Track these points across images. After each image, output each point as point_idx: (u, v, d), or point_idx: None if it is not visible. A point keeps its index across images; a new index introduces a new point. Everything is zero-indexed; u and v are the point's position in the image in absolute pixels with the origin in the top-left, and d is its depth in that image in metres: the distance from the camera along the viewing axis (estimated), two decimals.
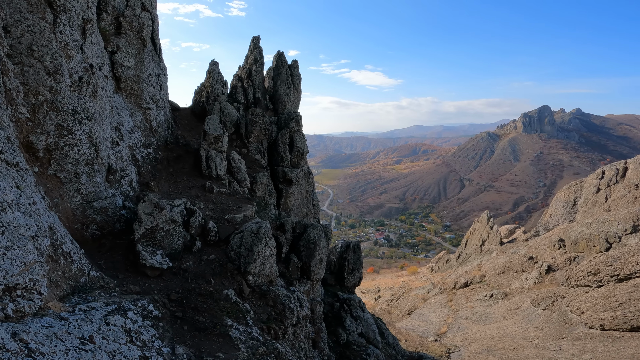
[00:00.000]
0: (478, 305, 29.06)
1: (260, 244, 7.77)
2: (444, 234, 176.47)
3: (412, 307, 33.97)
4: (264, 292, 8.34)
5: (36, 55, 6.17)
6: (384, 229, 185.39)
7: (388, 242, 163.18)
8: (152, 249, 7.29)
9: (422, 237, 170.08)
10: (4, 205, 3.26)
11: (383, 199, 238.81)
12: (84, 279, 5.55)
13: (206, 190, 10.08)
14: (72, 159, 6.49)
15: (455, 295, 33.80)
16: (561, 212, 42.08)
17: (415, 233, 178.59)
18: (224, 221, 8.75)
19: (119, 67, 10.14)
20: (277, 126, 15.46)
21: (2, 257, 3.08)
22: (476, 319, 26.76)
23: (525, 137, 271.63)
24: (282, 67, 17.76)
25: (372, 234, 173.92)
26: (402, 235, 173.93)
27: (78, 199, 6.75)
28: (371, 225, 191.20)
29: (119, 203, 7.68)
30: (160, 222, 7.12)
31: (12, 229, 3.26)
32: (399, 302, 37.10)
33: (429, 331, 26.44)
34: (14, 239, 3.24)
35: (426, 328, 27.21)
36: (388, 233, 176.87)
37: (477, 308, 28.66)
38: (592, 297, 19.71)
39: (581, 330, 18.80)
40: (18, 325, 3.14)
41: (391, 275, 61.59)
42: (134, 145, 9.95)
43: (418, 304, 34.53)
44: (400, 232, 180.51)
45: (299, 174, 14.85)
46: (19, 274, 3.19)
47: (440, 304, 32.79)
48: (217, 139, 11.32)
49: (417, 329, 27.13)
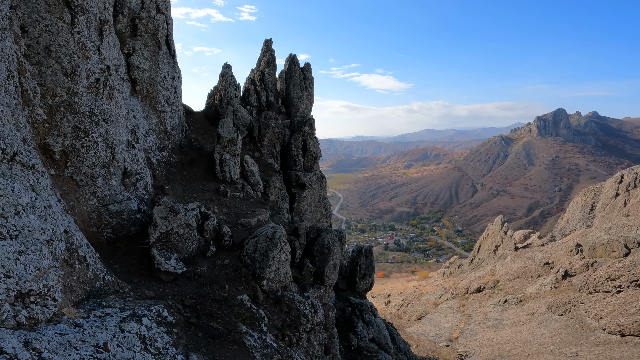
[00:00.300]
0: (491, 311, 28.53)
1: (275, 249, 7.61)
2: (456, 238, 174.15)
3: (423, 312, 33.52)
4: (278, 297, 8.17)
5: (54, 56, 6.15)
6: (395, 233, 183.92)
7: (398, 246, 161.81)
8: (167, 253, 7.19)
9: (434, 242, 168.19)
10: (18, 209, 3.17)
11: (394, 203, 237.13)
12: (99, 284, 5.46)
13: (220, 194, 9.98)
14: (89, 161, 6.45)
15: (467, 300, 33.24)
16: (578, 217, 41.28)
17: (427, 238, 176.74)
18: (238, 225, 8.63)
19: (134, 69, 10.16)
20: (290, 129, 15.35)
21: (16, 262, 2.97)
22: (489, 324, 26.22)
23: (540, 140, 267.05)
24: (294, 70, 17.69)
25: (383, 239, 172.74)
26: (412, 240, 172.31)
27: (94, 202, 6.70)
28: (381, 230, 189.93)
29: (134, 206, 7.62)
30: (175, 226, 7.03)
31: (27, 233, 3.16)
32: (409, 306, 36.66)
33: (441, 336, 25.99)
34: (28, 243, 3.14)
35: (437, 333, 26.76)
36: (398, 237, 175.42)
37: (491, 313, 28.13)
38: (611, 303, 19.30)
39: (599, 335, 18.32)
40: (31, 333, 3.03)
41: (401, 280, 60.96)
42: (149, 149, 9.93)
43: (429, 308, 34.05)
44: (411, 236, 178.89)
45: (312, 178, 14.70)
46: (32, 280, 3.08)
47: (452, 309, 32.25)
48: (231, 142, 11.25)
49: (428, 334, 26.71)
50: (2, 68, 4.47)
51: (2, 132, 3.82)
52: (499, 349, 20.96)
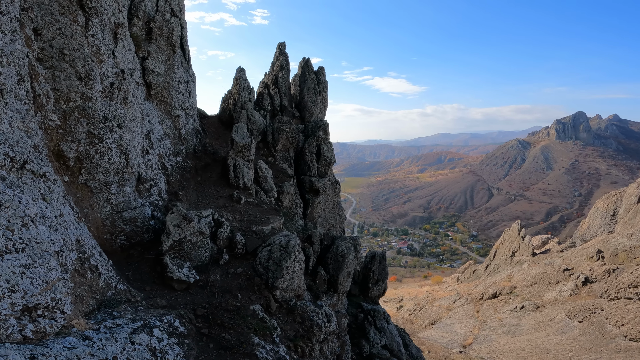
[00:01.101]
0: (507, 317, 27.96)
1: (289, 259, 7.42)
2: (471, 243, 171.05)
3: (436, 318, 33.06)
4: (291, 307, 7.96)
5: (67, 60, 6.10)
6: (408, 237, 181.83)
7: (411, 251, 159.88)
8: (179, 261, 7.08)
9: (447, 247, 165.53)
10: (25, 220, 3.06)
11: (407, 207, 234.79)
12: (110, 293, 5.36)
13: (234, 201, 9.87)
14: (103, 168, 6.40)
15: (482, 306, 32.64)
16: (600, 223, 40.22)
17: (440, 242, 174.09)
18: (251, 233, 8.48)
19: (149, 73, 10.17)
20: (304, 134, 15.20)
21: (22, 276, 2.86)
22: (505, 330, 25.68)
23: (559, 144, 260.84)
24: (308, 74, 17.57)
25: (395, 243, 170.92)
26: (426, 245, 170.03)
27: (108, 209, 6.64)
28: (394, 234, 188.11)
29: (147, 213, 7.56)
30: (188, 234, 6.91)
31: (34, 245, 3.05)
32: (422, 311, 36.16)
33: (454, 342, 25.53)
34: (35, 256, 3.03)
35: (450, 339, 26.29)
36: (411, 242, 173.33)
37: (506, 319, 27.55)
38: (632, 310, 18.87)
39: (620, 342, 17.81)
40: (37, 348, 2.91)
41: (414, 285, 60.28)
42: (164, 154, 9.90)
43: (442, 314, 33.57)
44: (424, 241, 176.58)
45: (326, 184, 14.49)
46: (39, 294, 2.97)
47: (466, 314, 31.68)
48: (245, 147, 11.15)
49: (441, 340, 26.26)
50: (12, 72, 4.38)
51: (12, 140, 3.74)
52: (515, 355, 20.45)
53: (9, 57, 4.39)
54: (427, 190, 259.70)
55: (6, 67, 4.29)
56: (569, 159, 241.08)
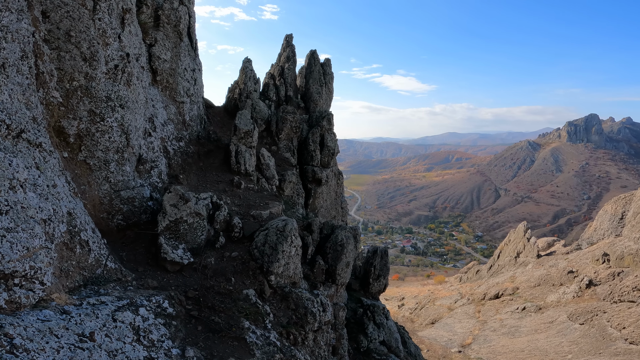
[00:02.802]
0: (508, 318, 27.99)
1: (285, 243, 7.43)
2: (475, 244, 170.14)
3: (437, 317, 33.09)
4: (286, 294, 7.99)
5: (73, 41, 6.18)
6: (412, 236, 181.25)
7: (415, 249, 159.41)
8: (175, 242, 7.14)
9: (452, 247, 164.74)
10: (13, 183, 3.07)
11: (412, 206, 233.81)
12: (99, 270, 5.42)
13: (234, 185, 9.90)
14: (103, 146, 6.46)
15: (483, 306, 32.64)
16: (607, 226, 39.97)
17: (445, 242, 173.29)
18: (249, 217, 8.51)
19: (155, 59, 10.23)
20: (308, 124, 15.17)
21: (1, 239, 2.84)
22: (505, 331, 25.69)
23: (570, 146, 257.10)
24: (314, 65, 17.49)
25: (399, 241, 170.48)
26: (430, 244, 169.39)
27: (106, 187, 6.71)
28: (398, 232, 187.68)
29: (146, 194, 7.62)
30: (185, 214, 6.96)
31: (19, 209, 3.06)
32: (423, 310, 36.20)
33: (453, 342, 25.58)
34: (19, 220, 3.03)
35: (450, 339, 26.35)
36: (415, 241, 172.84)
37: (507, 320, 27.58)
38: (635, 313, 18.88)
39: (620, 345, 17.79)
40: (7, 318, 2.87)
41: (416, 284, 60.27)
42: (166, 138, 9.97)
43: (443, 313, 33.61)
44: (428, 240, 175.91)
45: (328, 174, 14.47)
46: (18, 260, 2.94)
47: (467, 314, 31.70)
48: (248, 134, 11.16)
49: (440, 339, 26.32)
50: (16, 48, 4.46)
51: (10, 109, 3.78)
52: (514, 356, 20.46)
53: (14, 34, 4.48)
54: (433, 190, 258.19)
55: (10, 42, 4.38)
56: (580, 162, 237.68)
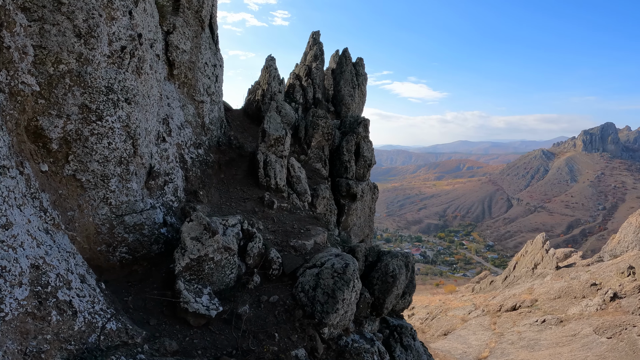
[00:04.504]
0: (527, 330, 26.94)
1: (346, 289, 5.53)
2: (486, 253, 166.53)
3: (450, 328, 31.80)
4: (341, 348, 6.07)
5: (65, 11, 4.41)
6: (421, 245, 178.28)
7: (424, 258, 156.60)
8: (197, 285, 5.29)
9: (462, 256, 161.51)
10: None
11: (422, 214, 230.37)
12: (94, 337, 3.57)
13: (264, 205, 8.03)
14: (100, 155, 4.65)
15: (499, 318, 31.51)
16: (631, 239, 39.36)
17: (455, 251, 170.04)
18: (289, 248, 6.62)
19: (173, 49, 8.51)
20: (341, 131, 13.33)
21: None
22: (524, 344, 24.30)
23: (585, 156, 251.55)
24: (345, 65, 15.68)
25: (408, 249, 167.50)
26: (439, 252, 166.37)
27: (104, 212, 4.90)
28: (407, 241, 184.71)
29: (158, 218, 5.79)
30: (211, 250, 5.11)
31: None
32: (434, 321, 34.68)
33: (468, 355, 24.10)
34: None
35: (465, 351, 25.02)
36: (425, 249, 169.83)
37: (526, 333, 26.48)
38: None
39: None
40: None
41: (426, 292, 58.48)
42: (183, 144, 8.18)
43: (456, 324, 32.32)
44: (438, 249, 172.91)
45: (364, 188, 12.57)
46: None
47: (482, 326, 30.37)
48: (278, 141, 9.32)
49: (454, 352, 25.00)
50: None
51: None
52: None
53: None
54: (444, 198, 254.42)
55: None
56: (595, 172, 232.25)
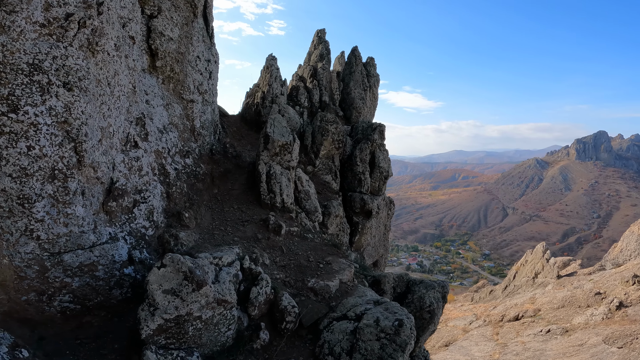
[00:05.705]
0: (531, 341, 26.28)
1: (400, 356, 3.76)
2: (482, 262, 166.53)
3: (451, 339, 30.86)
4: None
5: None
6: (418, 254, 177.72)
7: (421, 267, 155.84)
8: (179, 353, 3.57)
9: (458, 265, 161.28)
10: None
11: (418, 224, 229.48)
12: None
13: (269, 230, 6.28)
14: (16, 165, 2.93)
15: (502, 328, 30.72)
16: (634, 247, 39.54)
17: (451, 260, 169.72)
18: (306, 291, 4.87)
19: (157, 36, 6.84)
20: (352, 138, 11.71)
21: None
22: (529, 355, 23.46)
23: (579, 165, 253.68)
24: (355, 65, 14.13)
25: (405, 259, 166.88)
26: (436, 262, 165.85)
27: (29, 249, 3.16)
28: (404, 250, 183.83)
29: (120, 254, 4.04)
30: (196, 308, 3.39)
31: None
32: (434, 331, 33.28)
33: None
34: None
35: None
36: (421, 259, 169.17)
37: (531, 343, 25.80)
38: None
39: None
40: None
41: None
42: (165, 151, 6.47)
43: (458, 335, 31.38)
44: (434, 258, 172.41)
45: (379, 204, 10.90)
46: None
47: (484, 337, 29.49)
48: (285, 148, 7.63)
49: None
50: None
51: None
52: None
53: None
54: (440, 208, 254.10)
55: None
56: (589, 180, 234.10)
